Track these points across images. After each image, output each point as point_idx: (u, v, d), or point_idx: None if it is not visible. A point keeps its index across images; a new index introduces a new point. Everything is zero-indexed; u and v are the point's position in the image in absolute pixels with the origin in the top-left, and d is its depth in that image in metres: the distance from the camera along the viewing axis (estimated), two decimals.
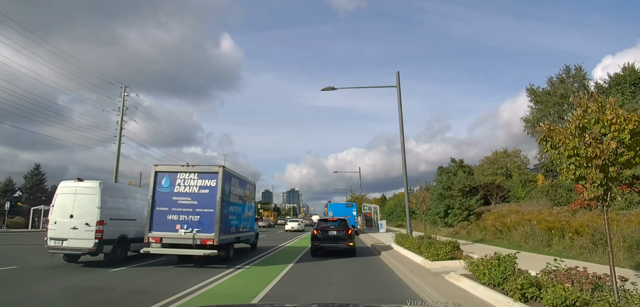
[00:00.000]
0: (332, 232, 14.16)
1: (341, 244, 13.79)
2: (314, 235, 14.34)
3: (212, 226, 10.80)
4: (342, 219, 14.99)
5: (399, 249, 13.33)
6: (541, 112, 24.35)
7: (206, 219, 10.89)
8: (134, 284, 8.41)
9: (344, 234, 13.97)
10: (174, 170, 11.55)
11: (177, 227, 10.85)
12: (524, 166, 48.76)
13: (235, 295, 7.45)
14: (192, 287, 7.72)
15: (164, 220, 10.98)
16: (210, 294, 7.29)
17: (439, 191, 28.99)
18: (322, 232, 14.31)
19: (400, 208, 47.04)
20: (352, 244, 13.94)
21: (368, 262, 12.33)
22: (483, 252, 8.96)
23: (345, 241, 13.79)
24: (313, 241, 14.32)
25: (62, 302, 6.86)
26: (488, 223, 17.92)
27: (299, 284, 8.69)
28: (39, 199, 43.71)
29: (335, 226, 14.40)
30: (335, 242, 13.89)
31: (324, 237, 14.11)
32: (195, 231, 10.76)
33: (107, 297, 7.11)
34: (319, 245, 14.10)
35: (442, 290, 6.63)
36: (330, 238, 14.00)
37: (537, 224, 12.56)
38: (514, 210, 24.54)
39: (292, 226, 36.86)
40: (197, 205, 11.05)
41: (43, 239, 11.22)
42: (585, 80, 22.86)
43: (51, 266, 10.70)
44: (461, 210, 27.36)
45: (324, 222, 15.23)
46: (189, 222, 10.92)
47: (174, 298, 6.70)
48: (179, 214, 10.99)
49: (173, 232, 10.83)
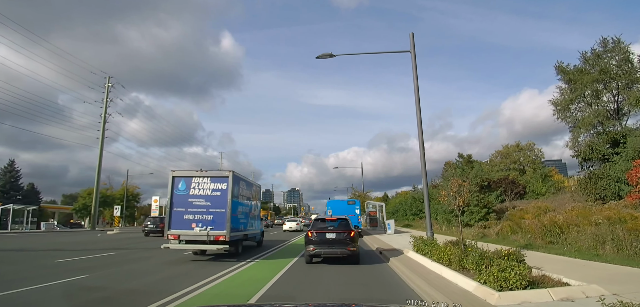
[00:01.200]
0: (330, 235, 11.29)
1: (341, 249, 11.02)
2: (308, 238, 11.44)
3: (223, 224, 12.05)
4: (342, 218, 12.23)
5: (422, 260, 9.78)
6: (575, 92, 20.81)
7: (218, 218, 12.12)
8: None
9: (345, 237, 11.15)
10: (189, 175, 12.67)
11: (193, 226, 12.12)
12: (539, 160, 45.52)
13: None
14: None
15: (181, 219, 12.22)
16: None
17: None
18: (318, 234, 11.35)
19: (405, 206, 43.57)
20: (355, 249, 11.19)
21: (377, 278, 8.95)
22: (564, 268, 5.59)
23: (347, 245, 11.04)
24: (307, 245, 11.36)
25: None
26: (527, 222, 14.43)
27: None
28: (13, 197, 40.43)
29: (334, 227, 11.56)
30: (334, 247, 11.10)
31: (321, 240, 11.25)
32: (209, 228, 12.04)
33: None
34: (314, 251, 11.17)
35: None
36: (328, 242, 11.19)
37: (622, 224, 9.10)
38: (543, 207, 21.09)
39: (291, 226, 35.40)
40: (210, 206, 12.25)
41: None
42: (628, 54, 19.31)
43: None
44: (479, 207, 23.96)
45: (320, 222, 12.20)
46: (203, 221, 12.16)
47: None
48: (195, 213, 12.23)
49: (189, 230, 12.09)
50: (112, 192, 52.79)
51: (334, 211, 26.43)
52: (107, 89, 44.42)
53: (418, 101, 12.91)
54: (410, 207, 41.44)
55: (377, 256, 13.77)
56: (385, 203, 42.47)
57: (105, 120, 44.21)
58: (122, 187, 54.44)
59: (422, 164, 12.65)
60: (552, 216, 13.67)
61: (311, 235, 11.36)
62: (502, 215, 23.81)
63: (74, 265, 10.86)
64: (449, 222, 26.56)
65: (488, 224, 22.01)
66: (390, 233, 23.06)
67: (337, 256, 11.02)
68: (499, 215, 23.67)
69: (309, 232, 11.61)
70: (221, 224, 12.05)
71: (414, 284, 7.62)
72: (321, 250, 11.07)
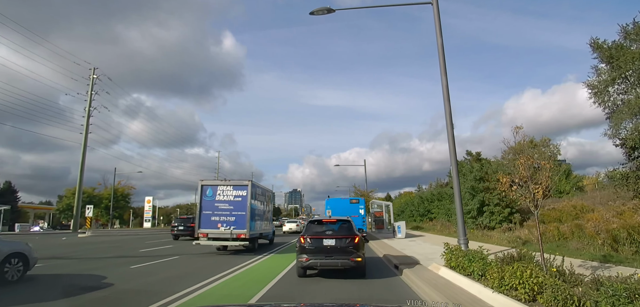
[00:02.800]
0: (328, 242, 8.77)
1: (343, 260, 8.57)
2: (301, 245, 8.94)
3: (244, 224, 14.46)
4: (344, 220, 9.58)
5: (471, 286, 6.51)
6: (617, 71, 17.72)
7: (240, 219, 14.56)
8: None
9: (348, 244, 8.70)
10: (215, 183, 15.45)
11: (219, 226, 14.55)
12: (555, 157, 42.58)
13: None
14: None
15: (209, 220, 14.63)
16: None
17: (470, 182, 22.42)
18: (314, 241, 8.86)
19: (412, 206, 40.47)
20: (361, 259, 8.70)
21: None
22: None
23: (350, 255, 8.60)
24: (299, 255, 8.89)
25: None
26: (591, 226, 11.34)
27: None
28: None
29: (333, 232, 9.06)
30: (333, 257, 8.61)
31: (317, 248, 8.75)
32: (232, 228, 14.44)
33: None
34: (308, 261, 8.65)
35: None
36: (326, 250, 8.68)
37: None
38: (579, 206, 18.01)
39: (290, 227, 34.74)
40: (232, 209, 14.70)
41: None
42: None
43: None
44: (500, 207, 20.89)
45: (316, 225, 9.54)
46: (227, 221, 14.55)
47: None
48: (220, 215, 14.64)
49: (216, 229, 14.52)
50: (99, 192, 49.91)
51: (334, 211, 22.95)
52: (91, 82, 41.58)
53: (444, 66, 9.91)
54: (418, 208, 38.33)
55: (391, 270, 10.65)
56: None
57: (89, 114, 41.33)
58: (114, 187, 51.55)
59: (450, 145, 9.63)
60: (629, 217, 10.55)
61: (304, 241, 8.86)
62: (527, 216, 20.73)
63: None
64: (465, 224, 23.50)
65: (512, 227, 18.95)
66: (401, 237, 19.88)
67: (338, 268, 8.60)
68: (525, 216, 20.59)
69: (301, 237, 9.07)
70: (242, 224, 14.49)
71: None
72: (317, 260, 8.58)
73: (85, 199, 45.44)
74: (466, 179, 23.45)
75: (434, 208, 35.00)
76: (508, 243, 13.50)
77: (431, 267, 9.24)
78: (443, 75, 9.74)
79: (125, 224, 57.48)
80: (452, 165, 9.94)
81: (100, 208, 48.00)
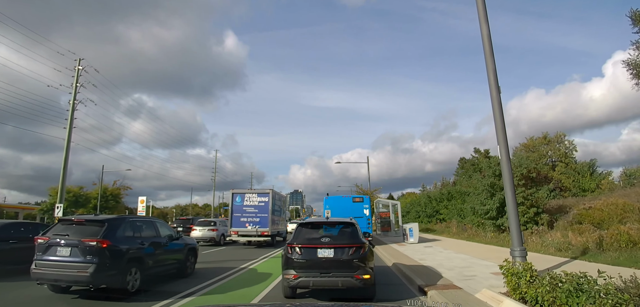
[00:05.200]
0: (324, 252, 6.52)
1: (344, 277, 6.33)
2: (288, 257, 6.67)
3: (267, 224, 18.69)
4: (346, 223, 7.16)
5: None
6: None
7: (263, 220, 18.80)
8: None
9: (352, 256, 6.42)
10: (243, 192, 19.78)
11: (247, 225, 18.79)
12: (571, 154, 40.00)
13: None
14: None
15: (239, 221, 18.96)
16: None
17: (489, 179, 19.79)
18: (305, 251, 6.61)
19: (418, 207, 37.84)
20: (369, 277, 6.39)
21: None
22: None
23: (354, 270, 6.35)
24: (285, 269, 6.70)
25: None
26: None
27: None
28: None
29: (332, 238, 6.72)
30: (331, 274, 6.39)
31: (309, 262, 6.51)
32: (257, 227, 18.68)
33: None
34: (297, 279, 6.47)
35: None
36: (322, 264, 6.45)
37: None
38: (621, 204, 15.41)
39: (292, 228, 32.11)
40: (257, 212, 18.95)
41: None
42: None
43: None
44: (525, 207, 18.29)
45: (309, 229, 7.09)
46: (253, 221, 18.79)
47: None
48: (247, 217, 18.94)
49: (244, 228, 18.79)
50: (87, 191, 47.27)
51: (333, 211, 19.54)
52: (77, 73, 38.94)
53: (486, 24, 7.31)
54: (425, 209, 35.74)
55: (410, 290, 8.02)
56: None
57: (73, 107, 38.64)
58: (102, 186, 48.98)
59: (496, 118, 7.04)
60: None
61: (291, 252, 6.62)
62: (556, 216, 18.13)
63: None
64: (481, 226, 20.88)
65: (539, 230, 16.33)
66: (413, 242, 17.17)
67: (337, 286, 6.36)
68: (554, 216, 18.01)
69: (289, 245, 6.77)
70: (265, 224, 18.56)
71: None
72: (309, 278, 6.39)
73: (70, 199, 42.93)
74: (484, 176, 20.90)
75: (442, 208, 32.51)
76: (556, 251, 10.91)
77: (482, 295, 6.24)
78: (487, 43, 7.16)
79: None
80: (499, 143, 7.32)
81: (87, 208, 45.31)
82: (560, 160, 37.81)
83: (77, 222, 7.32)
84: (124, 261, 7.02)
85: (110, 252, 6.79)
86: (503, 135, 7.13)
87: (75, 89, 39.48)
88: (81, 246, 6.60)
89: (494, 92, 7.06)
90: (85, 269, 6.41)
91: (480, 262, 9.93)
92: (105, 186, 49.28)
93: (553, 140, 42.31)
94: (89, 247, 6.58)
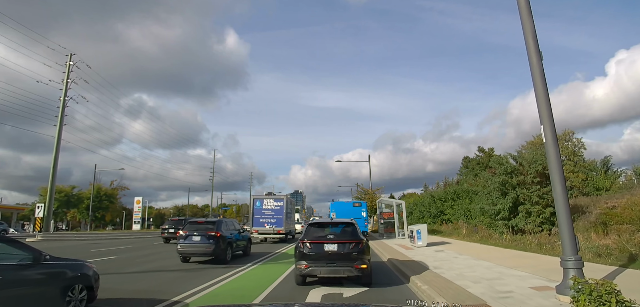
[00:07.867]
0: (330, 247, 8.01)
1: (346, 267, 7.81)
2: (300, 250, 8.19)
3: (282, 223, 23.06)
4: (347, 223, 8.84)
5: None
6: None
7: (279, 221, 23.15)
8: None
9: (352, 250, 7.94)
10: (262, 197, 24.42)
11: (265, 225, 23.18)
12: (579, 152, 38.80)
13: None
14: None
15: (258, 222, 23.34)
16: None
17: (501, 177, 18.50)
18: (314, 245, 8.11)
19: (422, 207, 36.53)
20: (366, 266, 7.91)
21: None
22: None
23: (354, 262, 7.83)
24: (298, 261, 8.12)
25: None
26: None
27: None
28: None
29: (336, 235, 8.34)
30: (336, 265, 7.86)
31: (317, 254, 8.00)
32: (274, 226, 23.08)
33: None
34: (307, 269, 7.94)
35: None
36: (328, 257, 7.94)
37: None
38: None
39: (297, 228, 35.48)
40: (274, 214, 23.31)
41: None
42: None
43: None
44: (540, 206, 17.02)
45: (317, 228, 8.84)
46: (270, 222, 23.15)
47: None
48: (266, 218, 23.31)
49: (263, 227, 23.22)
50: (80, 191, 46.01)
51: (338, 213, 25.20)
52: (68, 68, 37.77)
53: None
54: (428, 209, 34.39)
55: None
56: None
57: (64, 103, 37.50)
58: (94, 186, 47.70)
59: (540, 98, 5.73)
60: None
61: (303, 246, 8.18)
62: (576, 216, 16.82)
63: None
64: (492, 227, 19.55)
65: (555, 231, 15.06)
66: (421, 245, 15.68)
67: (341, 275, 7.89)
68: (573, 217, 16.71)
69: (300, 241, 8.40)
70: (280, 224, 23.15)
71: None
72: (318, 268, 7.93)
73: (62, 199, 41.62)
74: (495, 174, 19.60)
75: (448, 209, 31.18)
76: (594, 257, 9.59)
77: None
78: (528, 20, 5.86)
79: (118, 226, 53.51)
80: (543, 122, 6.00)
81: (80, 208, 44.02)
82: (569, 158, 36.65)
83: (200, 222, 13.38)
84: (225, 243, 12.78)
85: (220, 238, 12.50)
86: (548, 110, 5.83)
87: (66, 85, 38.27)
88: (206, 235, 12.40)
89: (534, 58, 5.79)
90: (209, 247, 12.23)
91: (510, 273, 8.51)
92: (99, 186, 48.00)
93: (560, 138, 41.17)
94: (209, 236, 12.36)
